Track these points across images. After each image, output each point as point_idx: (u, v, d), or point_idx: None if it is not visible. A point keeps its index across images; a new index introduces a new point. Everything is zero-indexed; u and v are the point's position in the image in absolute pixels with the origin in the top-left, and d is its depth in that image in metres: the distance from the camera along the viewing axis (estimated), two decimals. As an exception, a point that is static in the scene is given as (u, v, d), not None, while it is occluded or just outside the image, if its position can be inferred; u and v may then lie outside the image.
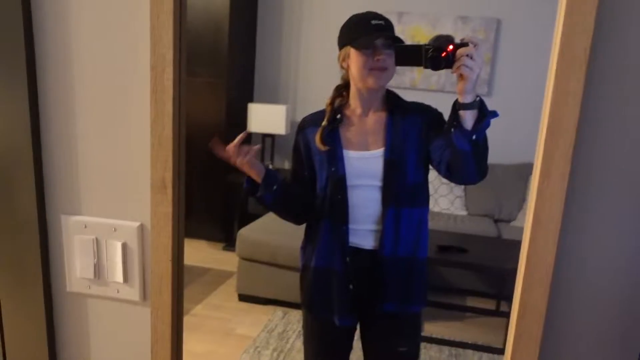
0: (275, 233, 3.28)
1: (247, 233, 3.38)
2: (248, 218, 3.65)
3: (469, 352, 2.90)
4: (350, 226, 1.50)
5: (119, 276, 0.90)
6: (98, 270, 0.91)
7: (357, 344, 1.69)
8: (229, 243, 4.44)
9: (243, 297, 3.47)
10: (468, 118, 1.23)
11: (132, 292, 0.90)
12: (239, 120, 4.19)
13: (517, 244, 0.87)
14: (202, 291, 3.63)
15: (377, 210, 1.49)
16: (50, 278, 0.95)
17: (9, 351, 1.01)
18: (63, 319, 0.96)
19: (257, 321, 3.19)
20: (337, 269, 1.53)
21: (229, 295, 3.56)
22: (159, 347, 0.87)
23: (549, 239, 0.75)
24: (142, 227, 0.89)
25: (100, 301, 0.94)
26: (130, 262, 0.90)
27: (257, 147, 1.45)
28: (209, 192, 4.35)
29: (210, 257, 4.29)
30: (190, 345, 2.94)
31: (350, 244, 1.52)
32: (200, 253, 4.37)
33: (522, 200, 3.95)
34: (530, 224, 0.76)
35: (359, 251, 1.52)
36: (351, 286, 1.54)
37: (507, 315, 3.25)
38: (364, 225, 1.51)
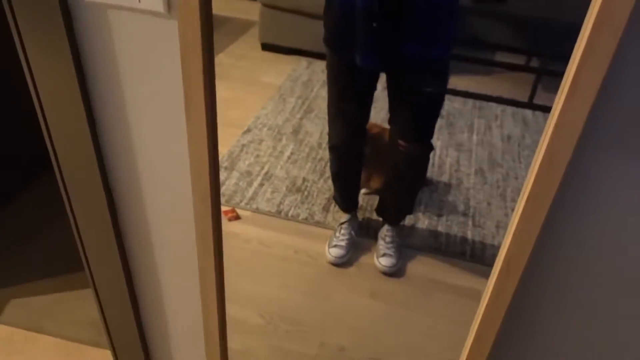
0: (298, -23, 3.05)
1: (269, -23, 3.14)
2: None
3: (493, 104, 2.90)
4: None
5: (138, -18, 0.81)
6: (115, -24, 0.82)
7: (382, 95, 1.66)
8: (250, -9, 4.20)
9: (266, 47, 3.39)
10: None
11: (155, 2, 0.83)
12: None
13: None
14: (223, 40, 3.54)
15: None
16: (64, -14, 0.87)
17: (35, 71, 0.99)
18: (85, 32, 0.91)
19: (281, 71, 3.17)
20: (361, 5, 1.45)
21: (251, 44, 3.48)
22: (189, 59, 0.82)
23: None
24: None
25: (122, 12, 0.86)
26: (149, -34, 0.80)
27: None
28: None
29: (230, 5, 4.10)
30: (217, 91, 2.97)
31: None
32: (218, 1, 4.18)
33: (573, -54, 3.54)
34: None
35: None
36: (374, 24, 1.47)
37: (536, 70, 3.18)
38: None
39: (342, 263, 1.91)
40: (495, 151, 2.48)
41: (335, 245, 1.92)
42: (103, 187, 1.11)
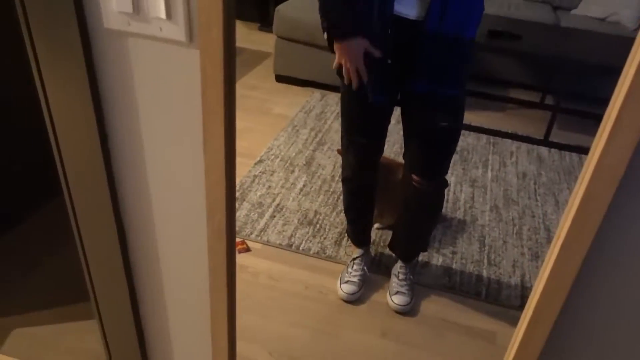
0: (315, 11, 3.07)
1: (286, 9, 3.18)
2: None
3: (508, 141, 2.88)
4: None
5: (161, 11, 0.79)
6: (137, 4, 0.80)
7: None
8: (265, 23, 4.25)
9: (280, 78, 3.41)
10: None
11: (177, 31, 0.81)
12: None
13: (575, 33, 0.73)
14: (238, 71, 3.55)
15: None
16: (85, 12, 0.85)
17: (50, 96, 0.97)
18: (103, 59, 0.89)
19: (295, 102, 3.17)
20: (376, 41, 1.43)
21: (265, 75, 3.50)
22: (209, 89, 0.79)
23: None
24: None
25: (142, 40, 0.85)
26: (172, -6, 0.78)
27: None
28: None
29: (245, 37, 4.15)
30: (229, 120, 2.96)
31: (394, 12, 1.40)
32: (236, 32, 4.22)
33: (587, -14, 3.56)
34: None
35: (400, 21, 1.41)
36: (389, 60, 1.46)
37: (551, 108, 3.16)
38: None
39: (354, 300, 1.85)
40: (510, 188, 2.44)
41: (347, 281, 1.87)
42: (114, 216, 1.08)
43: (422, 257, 2.04)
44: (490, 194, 2.45)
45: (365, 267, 1.92)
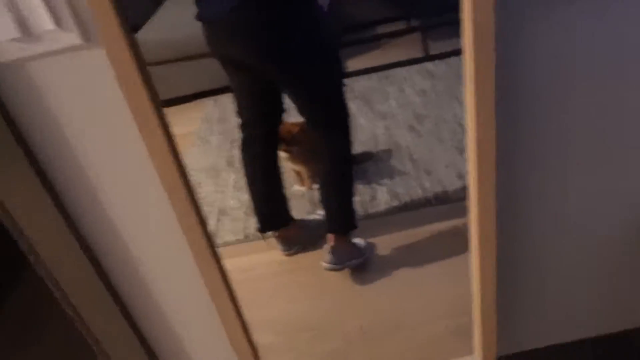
0: (177, 25, 3.08)
1: (146, 35, 3.16)
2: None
3: (397, 70, 3.04)
4: None
5: (48, 22, 0.81)
6: (23, 24, 0.81)
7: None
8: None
9: (166, 102, 3.35)
10: None
11: (72, 36, 0.83)
12: None
13: None
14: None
15: None
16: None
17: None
18: (12, 96, 0.89)
19: (192, 117, 3.16)
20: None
21: (152, 106, 3.45)
22: (127, 81, 0.82)
23: None
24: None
25: (43, 61, 0.86)
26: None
27: None
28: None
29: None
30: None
31: None
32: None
33: None
34: None
35: None
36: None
37: (419, 29, 3.34)
38: None
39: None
40: (417, 107, 2.59)
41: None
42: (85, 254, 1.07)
43: (367, 194, 2.14)
44: (402, 118, 2.60)
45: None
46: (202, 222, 1.02)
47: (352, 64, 3.10)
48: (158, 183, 0.95)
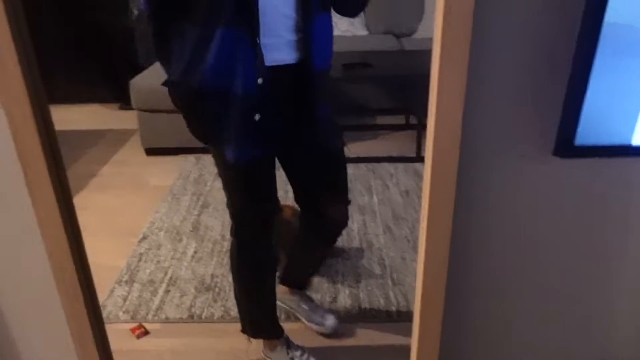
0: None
1: (141, 82, 3.11)
2: (139, 71, 3.34)
3: (385, 164, 2.98)
4: (264, 40, 1.24)
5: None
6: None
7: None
8: (124, 102, 4.13)
9: (150, 151, 3.30)
10: None
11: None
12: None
13: (419, 53, 0.80)
14: (106, 151, 3.40)
15: (292, 13, 1.27)
16: None
17: None
18: None
19: (170, 171, 3.07)
20: (240, 95, 1.27)
21: (135, 151, 3.36)
22: (22, 136, 0.72)
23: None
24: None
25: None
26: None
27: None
28: (92, 51, 3.94)
29: (108, 118, 4.00)
30: (105, 201, 2.80)
31: (268, 63, 1.27)
32: (96, 116, 4.06)
33: (421, 12, 3.87)
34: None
35: (276, 69, 1.29)
36: (257, 116, 1.30)
37: (415, 127, 3.33)
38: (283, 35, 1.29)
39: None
40: (397, 207, 2.50)
41: None
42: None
43: (329, 294, 2.01)
44: (380, 216, 2.50)
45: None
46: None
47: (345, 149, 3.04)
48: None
